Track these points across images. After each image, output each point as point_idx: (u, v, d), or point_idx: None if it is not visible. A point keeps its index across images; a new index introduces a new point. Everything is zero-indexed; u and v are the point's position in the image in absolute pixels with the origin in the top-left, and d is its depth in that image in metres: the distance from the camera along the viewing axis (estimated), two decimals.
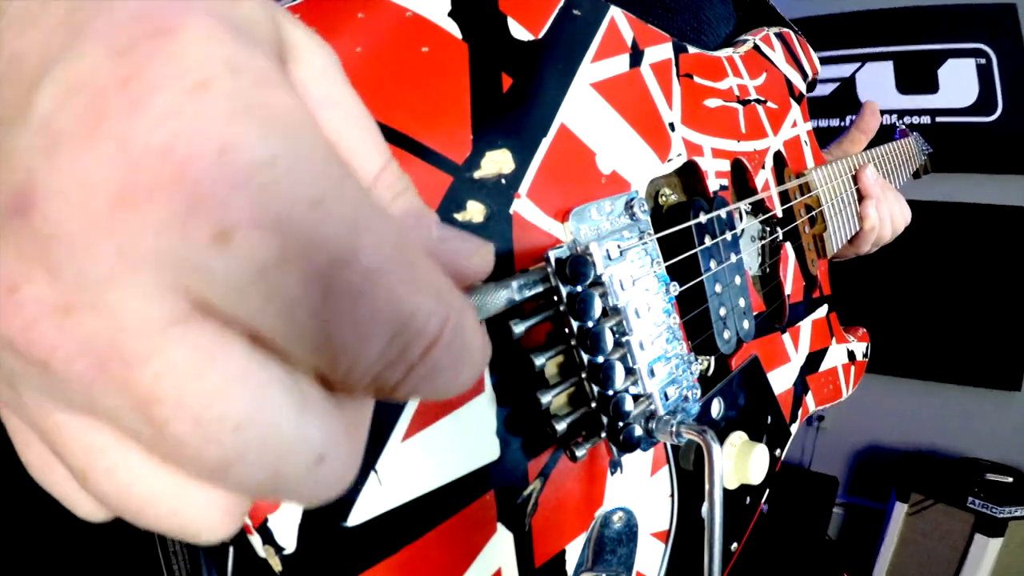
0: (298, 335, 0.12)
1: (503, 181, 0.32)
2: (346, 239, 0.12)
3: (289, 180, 0.12)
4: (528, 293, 0.31)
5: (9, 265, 0.12)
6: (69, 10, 0.12)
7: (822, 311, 0.69)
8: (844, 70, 2.09)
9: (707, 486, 0.37)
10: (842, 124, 2.07)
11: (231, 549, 0.25)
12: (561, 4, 0.37)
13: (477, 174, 0.31)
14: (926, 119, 1.98)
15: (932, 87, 1.98)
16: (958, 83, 1.95)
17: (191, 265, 0.12)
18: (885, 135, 0.90)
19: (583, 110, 0.37)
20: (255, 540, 0.24)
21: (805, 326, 0.64)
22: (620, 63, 0.41)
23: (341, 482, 0.14)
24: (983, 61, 1.92)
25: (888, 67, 2.04)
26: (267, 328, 0.13)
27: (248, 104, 0.12)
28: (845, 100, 2.09)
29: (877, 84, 2.05)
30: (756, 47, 0.63)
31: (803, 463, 2.07)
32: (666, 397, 0.39)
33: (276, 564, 0.24)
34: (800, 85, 0.71)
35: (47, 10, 0.12)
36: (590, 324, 0.33)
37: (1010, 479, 1.66)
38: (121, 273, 0.12)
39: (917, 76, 2.00)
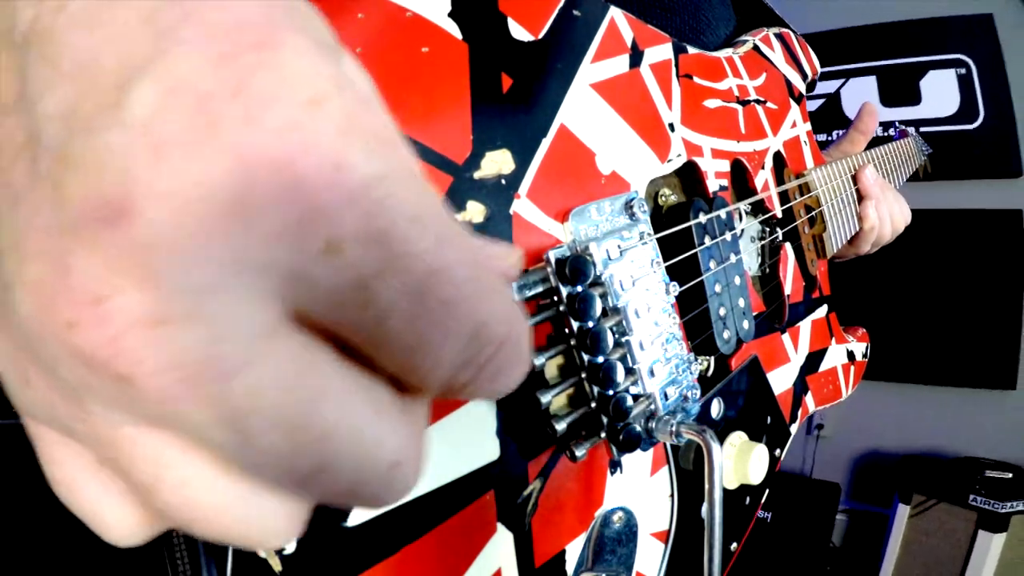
0: (389, 341, 0.13)
1: (503, 181, 0.32)
2: (439, 251, 0.13)
3: (395, 196, 0.12)
4: (528, 293, 0.31)
5: (93, 274, 0.11)
6: (150, 11, 0.12)
7: (822, 311, 0.69)
8: (829, 86, 2.14)
9: (707, 486, 0.37)
10: (829, 139, 2.11)
11: (231, 549, 0.25)
12: (561, 4, 0.37)
13: (477, 174, 0.31)
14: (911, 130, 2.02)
15: (915, 99, 2.03)
16: (940, 93, 1.99)
17: (298, 276, 0.12)
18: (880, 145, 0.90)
19: (583, 110, 0.37)
20: None
21: (805, 326, 0.65)
22: (620, 63, 0.41)
23: (410, 486, 0.15)
24: (963, 71, 1.96)
25: (871, 82, 2.09)
26: (360, 335, 0.13)
27: (356, 122, 0.12)
28: (831, 116, 2.14)
29: (862, 99, 2.08)
30: (756, 47, 0.63)
31: (805, 472, 2.07)
32: (666, 397, 0.39)
33: (276, 564, 0.24)
34: (800, 85, 0.71)
35: (119, 10, 0.12)
36: (590, 324, 0.33)
37: (1010, 475, 1.66)
38: (226, 283, 0.11)
39: (900, 89, 2.05)
